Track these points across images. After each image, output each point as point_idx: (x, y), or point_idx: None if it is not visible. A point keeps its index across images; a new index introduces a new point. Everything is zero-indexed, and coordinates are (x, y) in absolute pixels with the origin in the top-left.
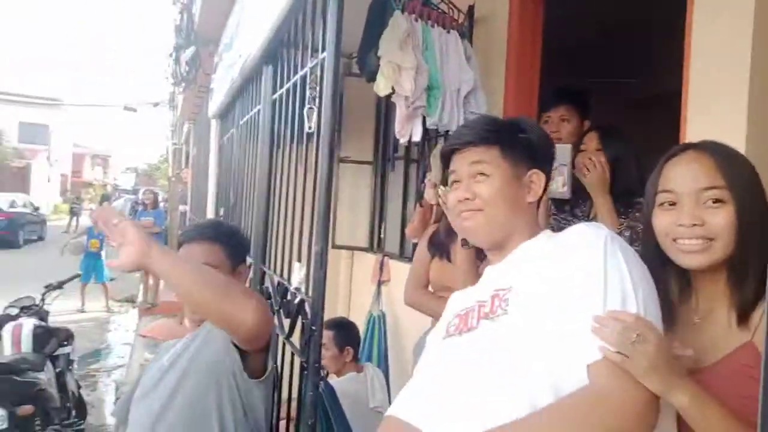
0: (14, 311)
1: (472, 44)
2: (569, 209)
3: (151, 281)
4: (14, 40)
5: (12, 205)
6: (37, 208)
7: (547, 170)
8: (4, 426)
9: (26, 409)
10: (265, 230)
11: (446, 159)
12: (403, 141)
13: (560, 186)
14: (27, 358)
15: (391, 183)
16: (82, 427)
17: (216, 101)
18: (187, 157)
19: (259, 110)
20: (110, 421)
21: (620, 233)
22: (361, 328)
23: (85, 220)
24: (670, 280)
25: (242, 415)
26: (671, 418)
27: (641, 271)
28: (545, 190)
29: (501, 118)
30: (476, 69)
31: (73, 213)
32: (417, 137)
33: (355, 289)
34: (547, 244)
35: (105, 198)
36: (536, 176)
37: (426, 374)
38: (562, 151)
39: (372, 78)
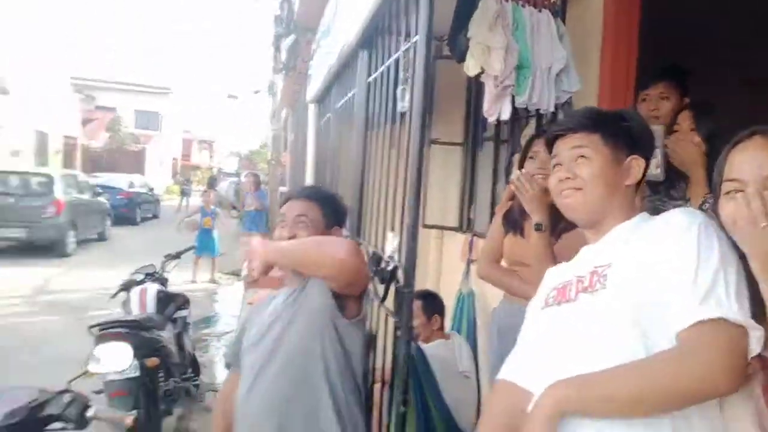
0: (139, 277)
1: (564, 22)
2: (664, 190)
3: None
4: (130, 33)
5: (130, 185)
6: (151, 189)
7: (647, 157)
8: (137, 374)
9: (153, 361)
10: (359, 207)
11: (549, 145)
12: (491, 120)
13: (654, 168)
14: (152, 318)
15: (481, 164)
16: (197, 382)
17: (314, 87)
18: (286, 142)
19: (354, 94)
20: (220, 380)
21: (705, 201)
22: (450, 306)
23: (194, 200)
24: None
25: (342, 357)
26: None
27: (733, 258)
28: (644, 175)
29: (604, 109)
30: (569, 47)
31: (184, 193)
32: (505, 116)
33: (444, 269)
34: (643, 227)
35: (212, 180)
36: (635, 162)
37: (530, 341)
38: (655, 134)
39: (462, 59)
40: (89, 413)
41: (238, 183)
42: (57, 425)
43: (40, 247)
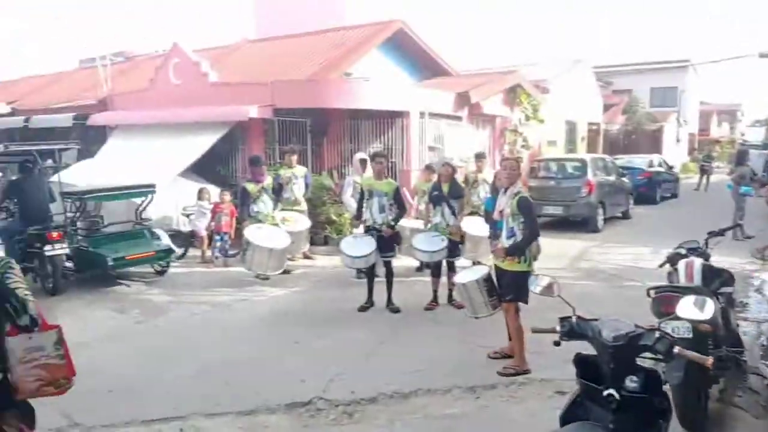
0: (683, 251)
1: None
2: None
3: None
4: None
5: (649, 165)
6: (670, 167)
7: None
8: (690, 336)
9: (705, 326)
10: None
11: None
12: None
13: None
14: (699, 289)
15: None
16: (744, 358)
17: None
18: None
19: None
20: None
21: None
22: None
23: (715, 178)
24: None
25: None
26: None
27: None
28: None
29: None
30: None
31: (703, 171)
32: None
33: None
34: None
35: (741, 155)
36: None
37: None
38: None
39: None
40: (675, 350)
41: None
42: (647, 354)
43: (574, 223)
